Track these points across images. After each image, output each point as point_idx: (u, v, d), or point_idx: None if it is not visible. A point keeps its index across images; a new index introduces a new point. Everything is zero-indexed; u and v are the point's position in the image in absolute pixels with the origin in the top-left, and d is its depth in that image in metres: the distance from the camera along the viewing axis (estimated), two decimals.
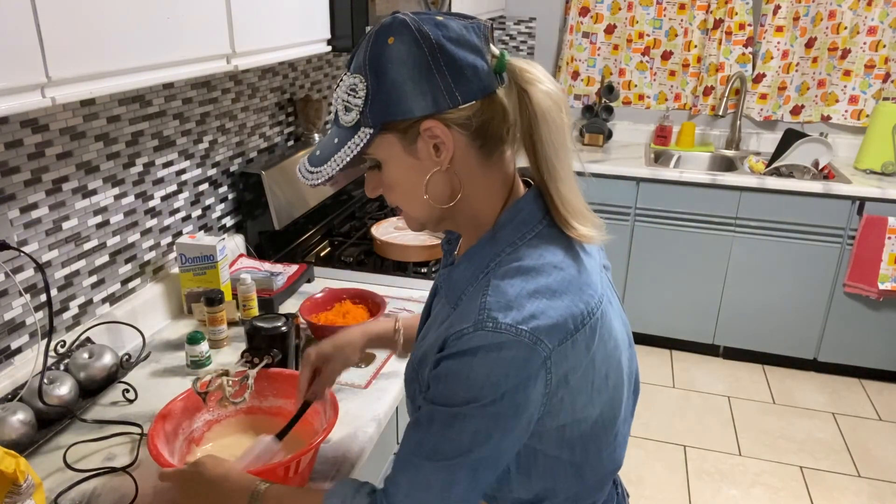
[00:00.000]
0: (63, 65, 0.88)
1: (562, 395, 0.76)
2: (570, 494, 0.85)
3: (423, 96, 0.74)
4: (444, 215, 0.83)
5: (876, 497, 2.40)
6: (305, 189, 2.00)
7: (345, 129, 0.79)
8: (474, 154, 0.78)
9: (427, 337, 0.86)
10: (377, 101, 0.75)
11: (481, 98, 0.75)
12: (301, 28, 1.49)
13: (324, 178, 0.80)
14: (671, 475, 2.49)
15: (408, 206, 0.83)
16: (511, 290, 0.74)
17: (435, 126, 0.75)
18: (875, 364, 3.00)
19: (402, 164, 0.79)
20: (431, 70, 0.73)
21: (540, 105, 0.75)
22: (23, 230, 1.24)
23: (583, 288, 0.77)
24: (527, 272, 0.75)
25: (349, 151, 0.77)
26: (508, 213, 0.81)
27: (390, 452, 1.42)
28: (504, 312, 0.72)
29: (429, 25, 0.74)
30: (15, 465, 0.87)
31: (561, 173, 0.78)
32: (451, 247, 0.95)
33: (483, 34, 0.77)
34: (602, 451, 0.84)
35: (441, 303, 0.87)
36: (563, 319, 0.73)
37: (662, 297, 3.15)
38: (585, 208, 0.81)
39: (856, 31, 3.04)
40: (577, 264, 0.79)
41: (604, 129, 3.31)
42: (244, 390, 1.09)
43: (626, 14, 3.32)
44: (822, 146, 2.94)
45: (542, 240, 0.79)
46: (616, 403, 0.83)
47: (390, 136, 0.77)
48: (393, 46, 0.74)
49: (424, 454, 0.75)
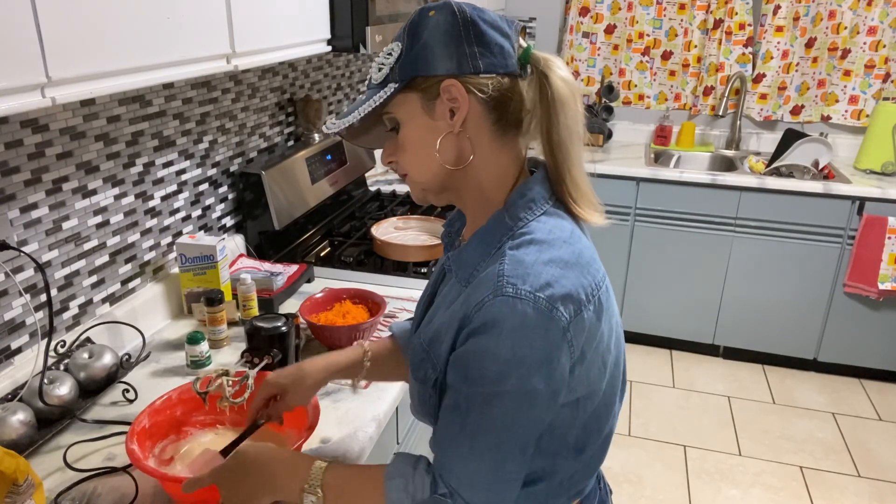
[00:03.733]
0: (63, 65, 0.88)
1: (581, 367, 0.78)
2: (565, 476, 0.86)
3: (450, 58, 0.80)
4: (447, 184, 0.86)
5: (876, 497, 2.40)
6: (305, 189, 2.00)
7: (374, 86, 0.84)
8: (488, 127, 0.82)
9: (435, 319, 0.87)
10: (408, 58, 0.81)
11: (501, 73, 0.81)
12: (301, 28, 1.49)
13: (345, 125, 0.84)
14: (671, 475, 2.49)
15: (415, 167, 0.86)
16: (528, 258, 0.76)
17: (454, 86, 0.79)
18: (875, 364, 3.00)
19: (419, 123, 0.83)
20: (461, 39, 0.80)
21: (559, 90, 0.79)
22: (23, 230, 1.24)
23: (590, 262, 0.80)
24: (539, 243, 0.78)
25: (373, 103, 0.82)
26: (517, 191, 0.84)
27: (390, 452, 1.42)
28: (522, 279, 0.74)
29: (468, 6, 0.81)
30: (15, 465, 0.87)
31: (573, 156, 0.82)
32: (451, 238, 0.97)
33: (515, 28, 0.83)
34: (603, 428, 0.86)
35: (450, 284, 0.88)
36: (575, 290, 0.75)
37: (662, 296, 3.15)
38: (592, 193, 0.86)
39: (856, 31, 3.04)
40: (583, 241, 0.83)
41: (604, 129, 3.31)
42: (244, 390, 1.09)
43: (626, 14, 3.32)
44: (822, 146, 2.94)
45: (549, 217, 0.82)
46: (615, 380, 0.86)
47: (413, 94, 0.82)
48: (432, 17, 0.81)
49: (469, 437, 0.76)
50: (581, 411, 0.81)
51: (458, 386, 0.77)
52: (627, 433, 2.70)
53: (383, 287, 1.68)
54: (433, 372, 0.84)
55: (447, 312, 0.84)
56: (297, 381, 1.04)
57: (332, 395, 1.28)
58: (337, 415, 1.23)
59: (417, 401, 0.90)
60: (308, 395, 1.06)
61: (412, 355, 0.90)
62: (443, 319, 0.84)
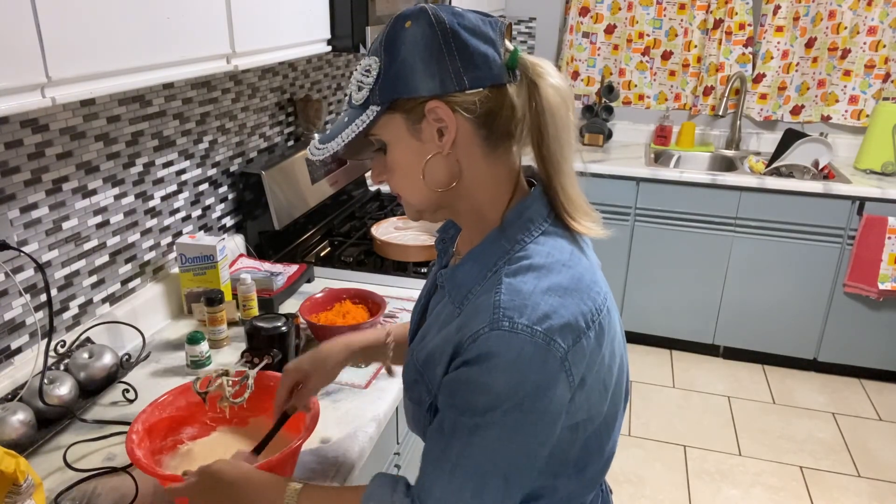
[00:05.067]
0: (63, 65, 0.88)
1: (581, 394, 0.76)
2: (567, 493, 0.85)
3: (432, 77, 0.75)
4: (441, 203, 0.83)
5: (876, 497, 2.40)
6: (305, 189, 2.00)
7: (355, 107, 0.80)
8: (479, 143, 0.78)
9: (428, 337, 0.85)
10: (387, 79, 0.76)
11: (489, 86, 0.76)
12: (301, 28, 1.49)
13: (329, 152, 0.80)
14: (671, 475, 2.49)
15: (406, 190, 0.83)
16: (525, 288, 0.73)
17: (439, 107, 0.75)
18: (875, 364, 3.00)
19: (406, 145, 0.79)
20: (442, 53, 0.74)
21: (549, 100, 0.76)
22: (23, 230, 1.24)
23: (590, 286, 0.77)
24: (538, 269, 0.75)
25: (356, 128, 0.78)
26: (515, 210, 0.81)
27: (390, 452, 1.42)
28: (519, 312, 0.72)
29: (446, 13, 0.76)
30: (15, 465, 0.87)
31: (565, 169, 0.79)
32: (445, 246, 0.95)
33: (499, 29, 0.78)
34: (605, 448, 0.85)
35: (443, 302, 0.86)
36: (574, 318, 0.73)
37: (662, 296, 3.15)
38: (585, 203, 0.82)
39: (856, 31, 3.04)
40: (583, 262, 0.80)
41: (604, 129, 3.31)
42: (244, 390, 1.09)
43: (626, 14, 3.32)
44: (822, 146, 2.94)
45: (549, 237, 0.80)
46: (618, 399, 0.84)
47: (397, 115, 0.78)
48: (409, 29, 0.76)
49: (451, 463, 0.74)
50: (581, 433, 0.80)
51: (446, 411, 0.76)
52: (627, 433, 2.70)
53: (383, 287, 1.68)
54: (427, 396, 0.82)
55: (440, 335, 0.81)
56: (319, 364, 1.04)
57: (332, 395, 1.28)
58: (337, 415, 1.23)
59: (411, 418, 0.89)
60: (331, 377, 1.06)
61: (405, 374, 0.89)
62: (436, 342, 0.81)
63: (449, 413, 0.76)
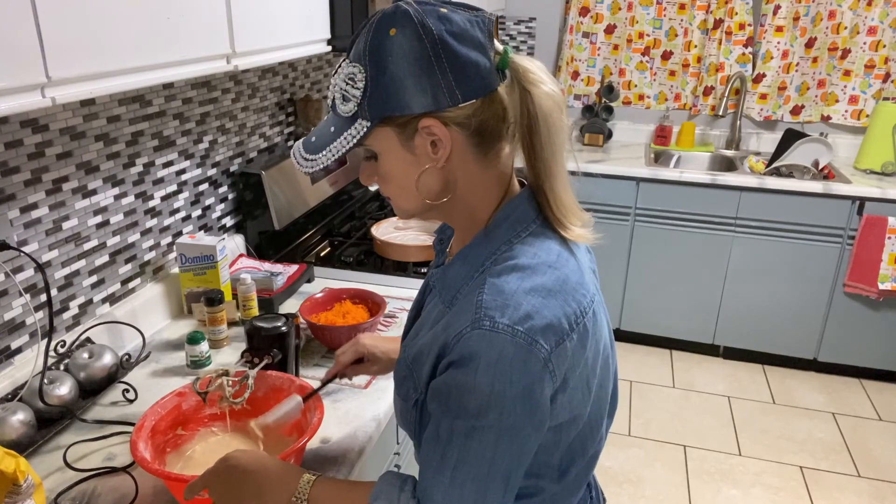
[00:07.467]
0: (63, 65, 0.88)
1: (563, 395, 0.76)
2: (550, 494, 0.85)
3: (423, 93, 0.73)
4: (433, 206, 0.82)
5: (876, 497, 2.40)
6: (306, 189, 2.00)
7: (342, 118, 0.78)
8: (471, 152, 0.78)
9: (419, 335, 0.86)
10: (376, 93, 0.74)
11: (482, 96, 0.75)
12: (301, 28, 1.49)
13: (319, 166, 0.79)
14: (671, 475, 2.49)
15: (399, 198, 0.83)
16: (507, 288, 0.73)
17: (434, 125, 0.74)
18: (875, 364, 3.00)
19: (398, 157, 0.78)
20: (433, 66, 0.72)
21: (542, 107, 0.74)
22: (23, 230, 1.24)
23: (576, 287, 0.77)
24: (522, 270, 0.75)
25: (345, 143, 0.77)
26: (503, 211, 0.81)
27: (390, 452, 1.42)
28: (501, 311, 0.72)
29: (432, 19, 0.73)
30: (15, 465, 0.87)
31: (556, 171, 0.78)
32: (443, 246, 0.95)
33: (487, 28, 0.75)
34: (588, 450, 0.85)
35: (434, 301, 0.87)
36: (557, 319, 0.73)
37: (662, 296, 3.15)
38: (577, 207, 0.82)
39: (856, 31, 3.04)
40: (570, 264, 0.79)
41: (604, 129, 3.31)
42: (244, 390, 1.09)
43: (626, 14, 3.32)
44: (822, 146, 2.94)
45: (536, 238, 0.79)
46: (602, 402, 0.84)
47: (388, 129, 0.76)
48: (394, 38, 0.72)
49: (450, 468, 0.74)
50: (564, 435, 0.80)
51: (440, 417, 0.76)
52: (627, 433, 2.70)
53: (383, 287, 1.68)
54: (414, 392, 0.83)
55: (430, 333, 0.82)
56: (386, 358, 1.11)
57: (333, 395, 1.28)
58: (337, 415, 1.23)
59: (399, 414, 0.89)
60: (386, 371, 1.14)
61: (396, 370, 0.89)
62: (425, 340, 0.82)
63: (444, 419, 0.75)
